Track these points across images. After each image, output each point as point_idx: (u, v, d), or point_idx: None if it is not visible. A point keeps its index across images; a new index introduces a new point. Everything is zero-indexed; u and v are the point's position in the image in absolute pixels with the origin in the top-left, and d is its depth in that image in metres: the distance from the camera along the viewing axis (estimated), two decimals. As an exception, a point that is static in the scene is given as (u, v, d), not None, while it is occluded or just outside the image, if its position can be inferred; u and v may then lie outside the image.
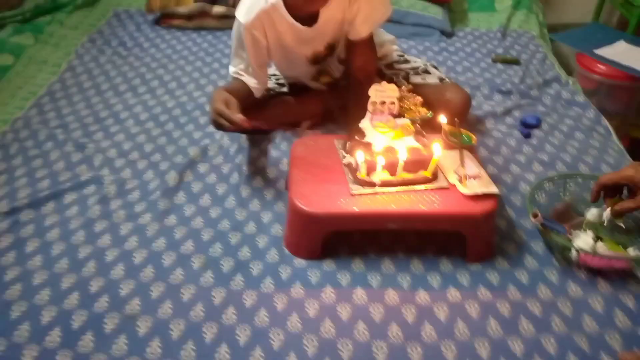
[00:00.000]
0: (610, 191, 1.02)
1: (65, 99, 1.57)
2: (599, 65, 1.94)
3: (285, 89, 1.46)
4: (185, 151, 1.33)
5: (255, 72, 1.27)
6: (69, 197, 1.18)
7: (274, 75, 1.48)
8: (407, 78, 1.40)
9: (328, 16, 1.22)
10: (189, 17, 2.01)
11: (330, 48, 1.31)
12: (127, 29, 2.01)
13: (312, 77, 1.41)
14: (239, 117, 1.07)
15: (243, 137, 1.36)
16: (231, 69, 1.31)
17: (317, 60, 1.33)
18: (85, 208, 1.15)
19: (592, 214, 1.05)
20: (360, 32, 1.26)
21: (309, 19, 1.22)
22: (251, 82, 1.27)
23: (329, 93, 1.40)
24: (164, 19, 2.04)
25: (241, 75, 1.28)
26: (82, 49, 1.85)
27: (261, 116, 1.36)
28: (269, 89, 1.38)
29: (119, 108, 1.52)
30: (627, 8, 2.16)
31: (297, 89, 1.45)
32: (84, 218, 1.13)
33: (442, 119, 1.15)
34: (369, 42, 1.30)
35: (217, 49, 1.88)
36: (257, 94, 1.30)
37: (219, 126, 1.13)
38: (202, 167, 1.28)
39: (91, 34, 1.96)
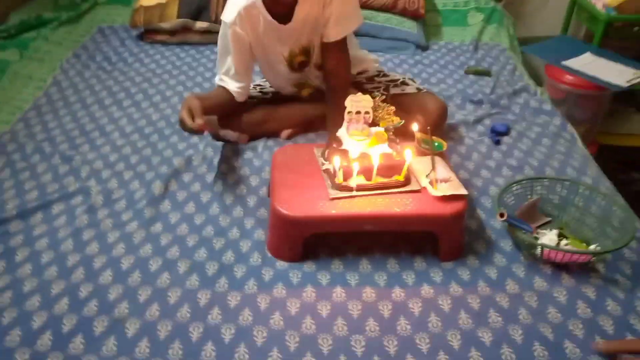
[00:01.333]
0: None
1: (51, 113, 1.60)
2: (566, 75, 2.04)
3: (268, 97, 1.52)
4: (170, 161, 1.37)
5: (238, 74, 1.33)
6: (56, 208, 1.22)
7: (258, 85, 1.54)
8: (387, 90, 1.47)
9: (302, 15, 1.29)
10: (172, 32, 2.06)
11: (306, 53, 1.37)
12: (111, 44, 2.05)
13: (294, 87, 1.47)
14: (196, 123, 1.14)
15: (226, 147, 1.41)
16: (215, 79, 1.36)
17: (294, 64, 1.39)
18: (73, 218, 1.19)
19: (549, 238, 1.11)
20: (332, 34, 1.33)
21: (285, 16, 1.29)
22: (233, 85, 1.33)
23: (309, 103, 1.46)
24: (148, 34, 2.09)
25: (223, 81, 1.33)
26: (67, 64, 1.88)
27: (242, 123, 1.41)
28: (252, 97, 1.43)
29: (104, 121, 1.56)
30: (593, 22, 2.28)
31: (280, 99, 1.50)
32: (72, 227, 1.16)
33: (415, 127, 1.22)
34: (341, 46, 1.36)
35: (200, 63, 1.93)
36: (239, 97, 1.35)
37: (185, 130, 1.21)
38: (186, 177, 1.32)
39: (76, 49, 1.99)
